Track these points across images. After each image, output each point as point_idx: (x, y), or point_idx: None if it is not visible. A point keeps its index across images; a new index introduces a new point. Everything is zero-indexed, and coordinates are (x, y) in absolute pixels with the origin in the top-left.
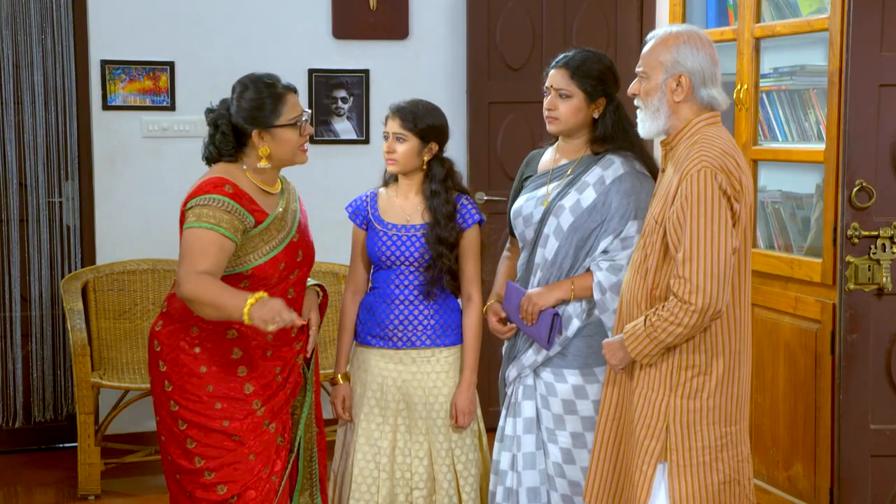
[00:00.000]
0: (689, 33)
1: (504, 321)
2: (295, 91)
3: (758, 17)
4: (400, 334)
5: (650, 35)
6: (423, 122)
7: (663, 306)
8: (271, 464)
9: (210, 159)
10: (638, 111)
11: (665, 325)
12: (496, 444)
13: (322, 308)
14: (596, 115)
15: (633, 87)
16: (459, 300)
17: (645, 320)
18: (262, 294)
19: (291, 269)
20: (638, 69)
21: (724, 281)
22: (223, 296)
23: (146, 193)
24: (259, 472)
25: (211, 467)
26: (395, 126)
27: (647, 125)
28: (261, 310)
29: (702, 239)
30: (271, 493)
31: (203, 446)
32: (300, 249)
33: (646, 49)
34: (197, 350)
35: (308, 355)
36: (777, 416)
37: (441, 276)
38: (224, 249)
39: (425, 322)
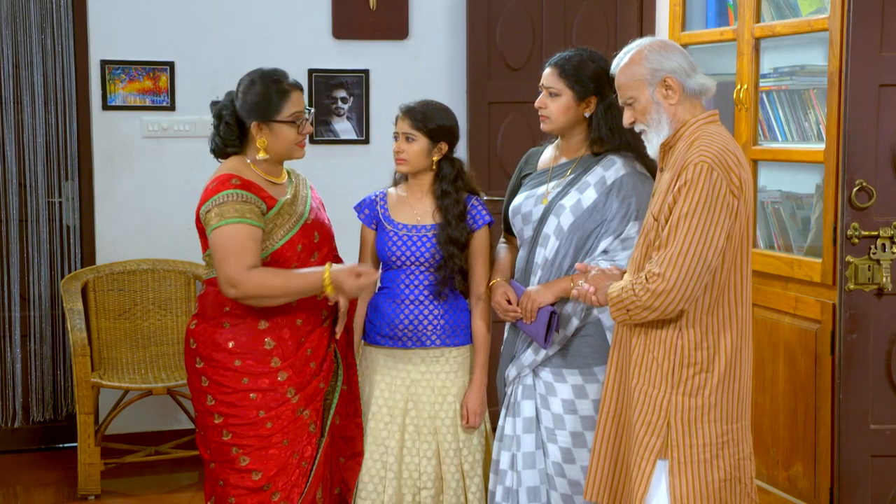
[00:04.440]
0: (648, 43)
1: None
2: (300, 89)
3: (758, 17)
4: (409, 334)
5: (612, 69)
6: (432, 122)
7: (639, 275)
8: (301, 449)
9: (216, 151)
10: (643, 136)
11: (630, 290)
12: (495, 444)
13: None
14: (587, 115)
15: (626, 119)
16: (468, 300)
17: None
18: (329, 267)
19: (310, 250)
20: (622, 101)
21: (691, 277)
22: (292, 281)
23: (146, 193)
24: (289, 457)
25: (246, 454)
26: (404, 126)
27: (653, 141)
28: (342, 279)
29: (681, 231)
30: (301, 479)
31: (238, 437)
32: (315, 231)
33: (618, 80)
34: (231, 344)
35: (337, 336)
36: (777, 416)
37: (452, 277)
38: (257, 239)
39: (435, 322)
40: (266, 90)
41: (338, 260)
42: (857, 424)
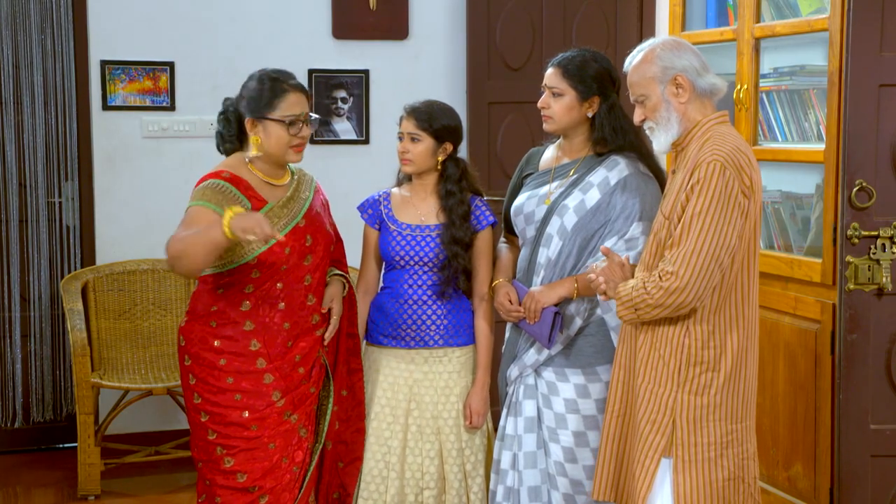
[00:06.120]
0: (661, 41)
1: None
2: (301, 91)
3: (758, 17)
4: (412, 334)
5: (625, 66)
6: (437, 122)
7: (651, 273)
8: (291, 454)
9: (221, 147)
10: (650, 133)
11: (642, 289)
12: (497, 443)
13: (348, 301)
14: (590, 115)
15: (637, 116)
16: (472, 300)
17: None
18: (239, 209)
19: (301, 254)
20: (633, 98)
21: (704, 275)
22: (196, 234)
23: (146, 193)
24: (278, 461)
25: (231, 455)
26: (409, 126)
27: (661, 139)
28: (242, 221)
29: (694, 229)
30: (293, 484)
31: (223, 437)
32: (308, 234)
33: (630, 78)
34: (217, 343)
35: (325, 343)
36: (777, 416)
37: (456, 277)
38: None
39: (438, 322)
40: (262, 86)
41: (341, 266)
42: (857, 424)
